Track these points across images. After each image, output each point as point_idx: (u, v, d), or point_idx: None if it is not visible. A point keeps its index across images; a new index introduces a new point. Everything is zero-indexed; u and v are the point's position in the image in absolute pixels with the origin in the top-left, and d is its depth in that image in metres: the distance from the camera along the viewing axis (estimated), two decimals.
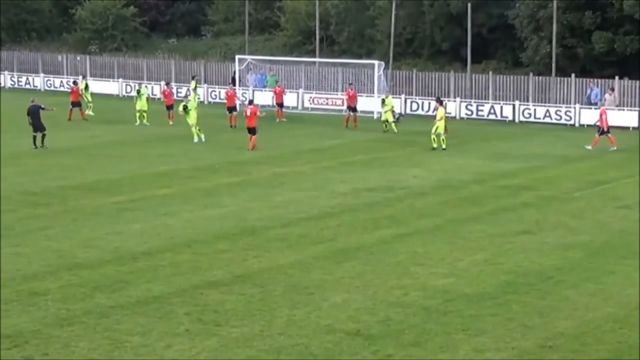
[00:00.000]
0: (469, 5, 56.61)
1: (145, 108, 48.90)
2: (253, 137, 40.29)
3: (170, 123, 48.16)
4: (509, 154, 40.06)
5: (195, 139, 42.01)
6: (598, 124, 42.34)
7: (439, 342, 17.04)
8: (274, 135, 45.10)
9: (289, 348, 16.72)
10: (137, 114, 48.75)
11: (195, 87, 55.34)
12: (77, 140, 43.03)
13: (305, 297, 19.66)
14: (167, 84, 54.43)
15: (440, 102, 43.28)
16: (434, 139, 41.01)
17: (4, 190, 30.80)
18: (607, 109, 44.20)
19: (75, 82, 54.41)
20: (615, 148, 40.77)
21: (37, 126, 40.35)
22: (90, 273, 21.29)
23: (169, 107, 49.19)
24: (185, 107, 42.82)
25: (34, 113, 40.48)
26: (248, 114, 40.70)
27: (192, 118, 42.34)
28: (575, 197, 30.89)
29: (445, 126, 43.51)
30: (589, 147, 40.97)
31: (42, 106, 41.15)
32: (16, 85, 68.27)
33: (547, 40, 54.74)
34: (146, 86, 54.38)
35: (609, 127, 41.70)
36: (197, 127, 42.22)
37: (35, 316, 18.31)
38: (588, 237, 25.27)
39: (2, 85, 67.88)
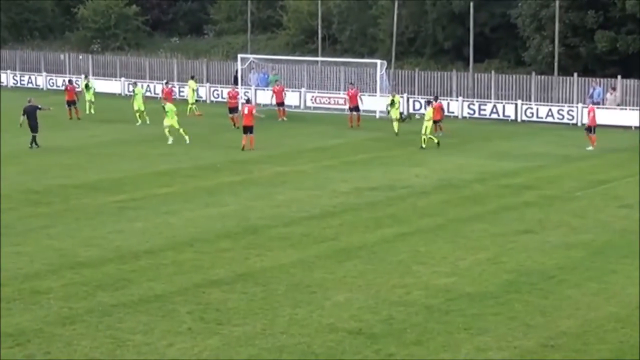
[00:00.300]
0: (472, 4, 56.63)
1: (142, 108, 48.65)
2: (251, 135, 40.08)
3: None
4: (511, 153, 40.05)
5: (170, 140, 41.14)
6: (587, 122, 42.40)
7: (441, 341, 17.04)
8: (275, 135, 45.12)
9: (291, 347, 16.72)
10: (137, 114, 48.64)
11: (197, 87, 55.10)
12: (78, 140, 43.05)
13: (307, 296, 19.66)
14: (167, 83, 54.30)
15: (429, 103, 43.53)
16: (424, 140, 41.02)
17: (6, 189, 30.82)
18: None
19: (70, 81, 54.42)
20: (591, 148, 40.77)
21: (33, 127, 40.25)
22: (93, 272, 21.30)
23: None
24: (163, 108, 42.55)
25: (30, 113, 40.36)
26: (245, 112, 40.58)
27: (169, 120, 41.51)
28: (577, 196, 30.87)
29: (440, 125, 43.85)
30: (590, 148, 40.95)
31: (39, 106, 41.07)
32: (18, 84, 68.28)
33: (550, 40, 54.72)
34: (148, 86, 54.42)
35: (592, 126, 41.62)
36: (175, 129, 41.39)
37: (38, 315, 18.32)
38: (590, 236, 25.26)
39: (5, 84, 67.91)
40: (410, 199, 30.13)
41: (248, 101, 43.59)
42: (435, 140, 41.15)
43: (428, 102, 44.09)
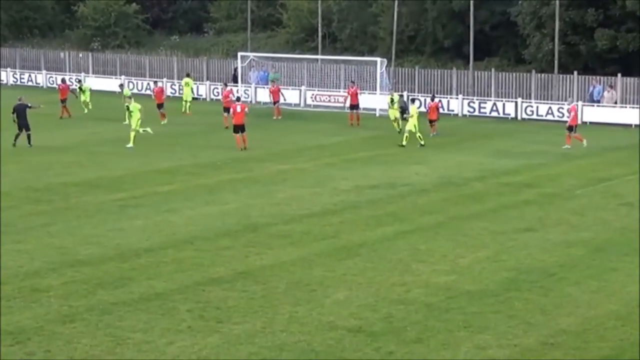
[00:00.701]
0: (472, 2, 56.64)
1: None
2: (244, 134, 39.63)
3: (163, 123, 47.77)
4: (511, 151, 40.07)
5: (130, 145, 39.93)
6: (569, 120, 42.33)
7: (441, 339, 17.04)
8: (275, 132, 45.14)
9: (291, 345, 16.73)
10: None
11: (191, 85, 54.57)
12: (78, 137, 43.04)
13: (307, 294, 19.66)
14: (156, 82, 54.06)
15: (413, 101, 43.74)
16: (420, 137, 40.99)
17: (6, 186, 30.82)
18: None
19: (63, 80, 54.39)
20: (569, 146, 40.75)
21: (23, 125, 40.08)
22: (93, 270, 21.30)
23: (160, 106, 48.66)
24: (127, 108, 41.89)
25: (20, 111, 40.16)
26: (238, 110, 39.90)
27: (134, 120, 40.40)
28: (577, 194, 30.87)
29: (434, 125, 43.96)
30: (584, 144, 40.97)
31: (29, 104, 40.83)
32: (18, 82, 68.29)
33: (550, 38, 54.75)
34: (149, 84, 54.34)
35: (574, 125, 41.62)
36: (138, 129, 40.29)
37: (38, 313, 18.31)
38: (590, 234, 25.26)
39: (5, 82, 67.91)
40: (411, 197, 30.13)
41: (238, 99, 42.92)
42: (405, 137, 40.95)
43: (412, 100, 44.13)
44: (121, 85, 52.10)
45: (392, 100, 46.49)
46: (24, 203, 28.68)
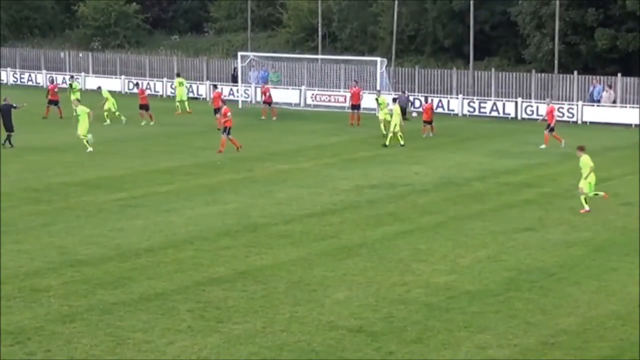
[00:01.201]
0: (472, 2, 56.64)
1: (114, 108, 47.97)
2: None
3: (143, 123, 47.67)
4: (511, 151, 40.07)
5: (89, 149, 38.81)
6: (546, 120, 42.17)
7: (441, 339, 17.04)
8: (276, 133, 45.13)
9: (292, 345, 16.72)
10: (105, 114, 47.46)
11: (185, 83, 54.35)
12: (78, 137, 42.94)
13: (307, 294, 19.66)
14: (137, 84, 53.95)
15: (395, 100, 43.75)
16: (400, 136, 40.98)
17: (6, 186, 30.81)
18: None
19: (51, 80, 54.29)
20: (563, 145, 40.74)
21: (7, 126, 39.89)
22: (93, 270, 21.30)
23: (143, 107, 48.41)
24: (75, 111, 40.50)
25: (5, 112, 39.91)
26: (229, 115, 39.03)
27: (81, 127, 39.30)
28: (578, 194, 30.82)
29: (429, 126, 43.85)
30: (543, 146, 41.00)
31: (14, 105, 40.68)
32: (18, 82, 68.32)
33: (550, 37, 54.77)
34: (148, 84, 54.32)
35: (552, 125, 41.65)
36: (86, 135, 39.17)
37: (38, 313, 18.31)
38: (590, 234, 25.25)
39: (5, 82, 67.91)
40: (411, 197, 30.13)
41: (224, 102, 42.40)
42: (399, 137, 41.01)
43: (394, 100, 44.14)
44: (99, 87, 51.91)
45: (377, 102, 46.28)
46: (24, 203, 28.67)
